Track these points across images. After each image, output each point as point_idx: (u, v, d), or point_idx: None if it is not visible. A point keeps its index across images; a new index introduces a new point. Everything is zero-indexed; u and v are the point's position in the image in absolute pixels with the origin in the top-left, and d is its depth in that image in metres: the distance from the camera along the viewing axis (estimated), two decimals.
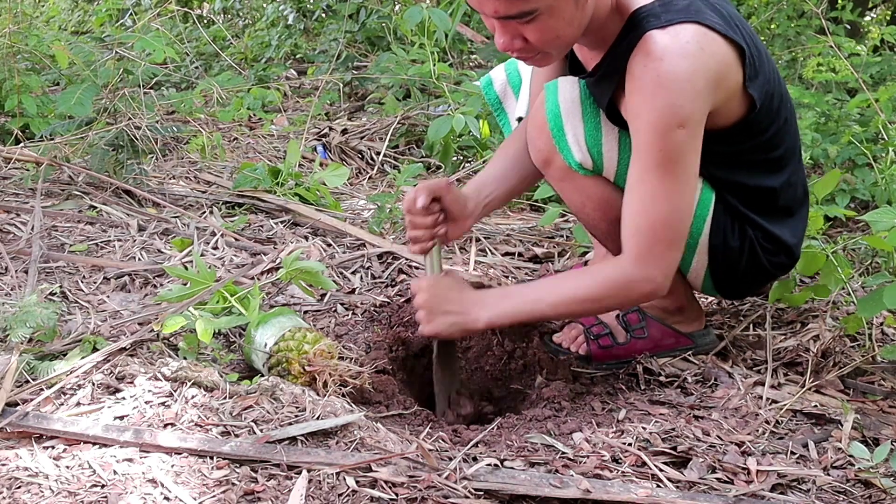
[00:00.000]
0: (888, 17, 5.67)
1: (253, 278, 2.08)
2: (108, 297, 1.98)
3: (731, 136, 1.60)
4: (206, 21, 5.58)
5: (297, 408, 1.42)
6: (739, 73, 1.53)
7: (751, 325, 1.98)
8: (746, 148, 1.64)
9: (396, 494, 1.25)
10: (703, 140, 1.61)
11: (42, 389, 1.47)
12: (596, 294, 1.61)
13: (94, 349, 1.62)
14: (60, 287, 1.98)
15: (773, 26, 4.59)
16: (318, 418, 1.40)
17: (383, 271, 2.28)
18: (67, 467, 1.28)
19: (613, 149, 1.65)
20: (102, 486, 1.23)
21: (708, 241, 1.70)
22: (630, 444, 1.44)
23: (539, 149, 1.70)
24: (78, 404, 1.44)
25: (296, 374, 1.56)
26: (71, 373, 1.51)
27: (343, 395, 1.54)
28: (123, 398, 1.45)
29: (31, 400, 1.44)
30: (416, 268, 2.29)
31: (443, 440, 1.49)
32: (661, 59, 1.45)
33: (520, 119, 1.99)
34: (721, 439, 1.49)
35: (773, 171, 1.68)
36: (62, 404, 1.44)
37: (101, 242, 2.32)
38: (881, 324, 1.92)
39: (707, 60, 1.47)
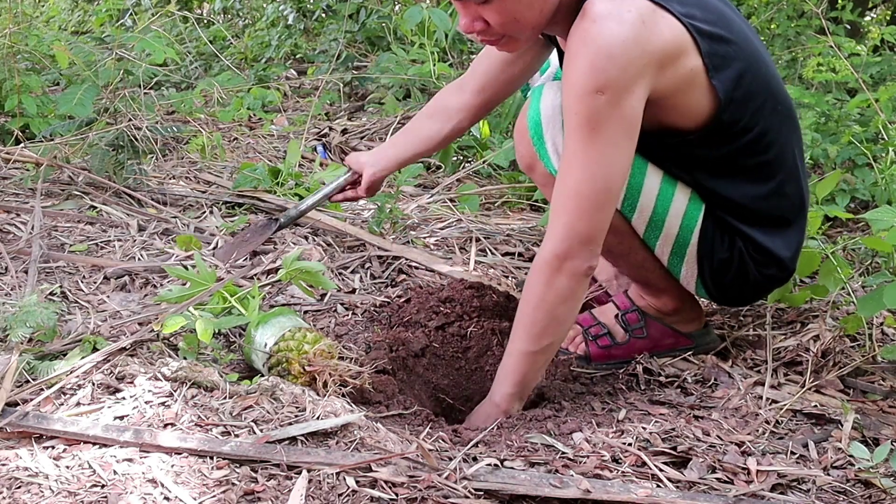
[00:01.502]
0: (888, 17, 5.67)
1: (253, 278, 2.08)
2: (108, 297, 1.98)
3: (709, 137, 1.58)
4: (205, 22, 5.58)
5: (297, 408, 1.42)
6: (698, 61, 1.50)
7: (751, 325, 1.98)
8: (730, 151, 1.61)
9: (396, 494, 1.25)
10: (685, 145, 1.59)
11: (42, 389, 1.47)
12: (533, 312, 1.56)
13: (94, 349, 1.62)
14: (60, 287, 1.98)
15: (773, 26, 4.59)
16: (318, 418, 1.39)
17: (383, 271, 2.28)
18: (67, 467, 1.28)
19: None
20: (102, 486, 1.23)
21: (696, 252, 1.70)
22: (630, 444, 1.44)
23: (522, 154, 1.71)
24: (78, 404, 1.43)
25: (296, 374, 1.56)
26: (71, 373, 1.51)
27: (343, 395, 1.54)
28: (123, 398, 1.45)
29: (31, 400, 1.43)
30: (416, 267, 2.30)
31: (443, 440, 1.49)
32: (594, 21, 1.42)
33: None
34: (721, 439, 1.49)
35: (760, 178, 1.65)
36: (62, 404, 1.44)
37: (101, 242, 2.32)
38: (881, 324, 1.93)
39: (647, 34, 1.43)
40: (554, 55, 1.98)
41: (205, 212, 2.65)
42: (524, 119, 1.68)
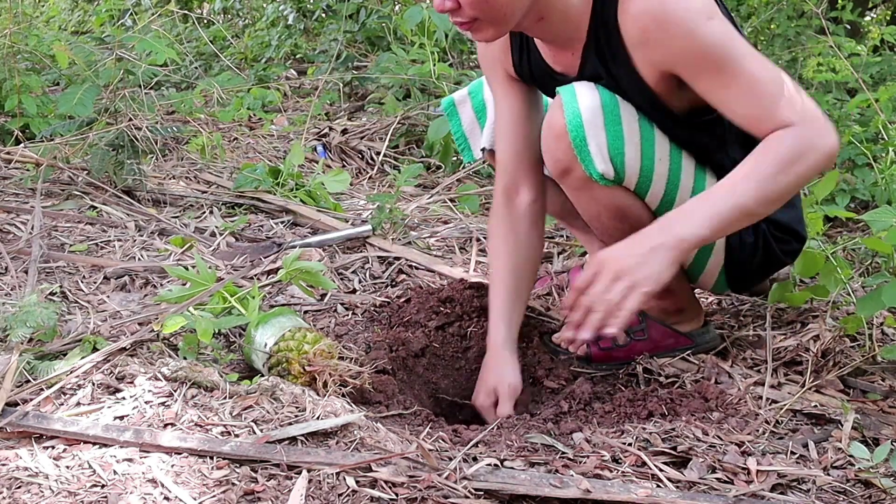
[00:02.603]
0: (888, 17, 5.67)
1: (253, 278, 2.08)
2: (108, 297, 1.98)
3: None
4: (205, 22, 5.58)
5: (297, 408, 1.42)
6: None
7: (751, 326, 1.98)
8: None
9: (396, 494, 1.25)
10: (703, 123, 1.60)
11: (42, 389, 1.47)
12: (777, 165, 1.41)
13: (94, 349, 1.62)
14: (60, 287, 1.98)
15: (773, 26, 4.59)
16: (318, 418, 1.40)
17: (383, 271, 2.28)
18: (67, 467, 1.28)
19: (635, 157, 1.60)
20: (102, 486, 1.23)
21: (725, 241, 1.71)
22: (630, 444, 1.44)
23: (558, 159, 1.62)
24: (78, 404, 1.44)
25: (296, 374, 1.56)
26: (71, 373, 1.51)
27: (343, 395, 1.54)
28: (123, 398, 1.45)
29: (31, 400, 1.44)
30: (416, 267, 2.29)
31: (443, 440, 1.49)
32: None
33: (483, 150, 1.98)
34: (721, 439, 1.49)
35: None
36: (62, 404, 1.44)
37: (101, 242, 2.32)
38: (881, 324, 1.92)
39: None
40: (488, 91, 1.95)
41: (205, 212, 2.65)
42: (560, 122, 1.58)
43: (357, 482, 1.26)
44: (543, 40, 1.66)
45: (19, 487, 1.22)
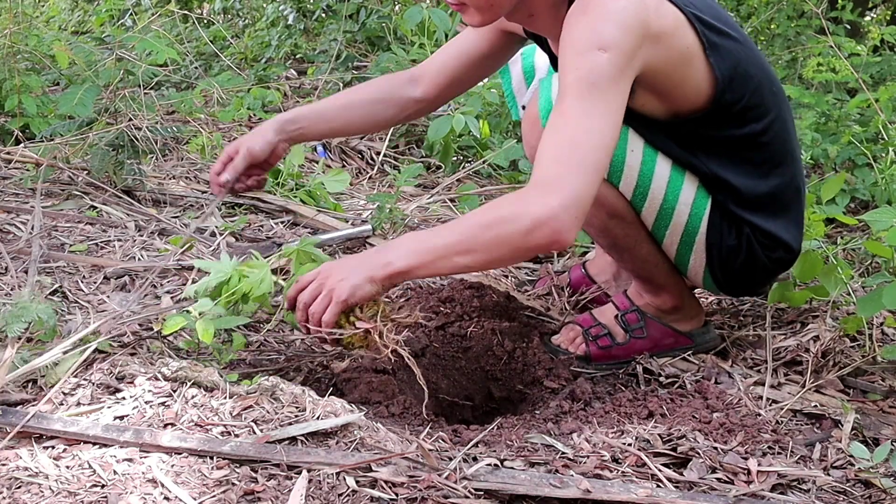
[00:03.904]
0: (888, 17, 5.68)
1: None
2: (108, 296, 1.98)
3: (714, 117, 1.60)
4: (205, 22, 5.58)
5: (297, 408, 1.42)
6: (693, 38, 1.54)
7: (751, 326, 1.98)
8: (736, 133, 1.63)
9: (396, 494, 1.25)
10: (692, 126, 1.62)
11: (42, 389, 1.47)
12: (488, 219, 1.44)
13: (95, 349, 1.62)
14: (60, 287, 1.98)
15: (773, 26, 4.59)
16: (318, 418, 1.40)
17: None
18: (67, 467, 1.28)
19: None
20: (102, 486, 1.23)
21: (705, 240, 1.71)
22: (630, 445, 1.44)
23: (532, 145, 1.68)
24: (78, 404, 1.43)
25: (349, 335, 1.53)
26: (71, 373, 1.51)
27: (399, 344, 1.51)
28: (123, 398, 1.45)
29: (32, 400, 1.43)
30: None
31: (443, 440, 1.49)
32: None
33: (523, 107, 2.03)
34: (721, 439, 1.48)
35: (764, 162, 1.68)
36: (62, 404, 1.44)
37: (101, 242, 2.32)
38: (881, 324, 1.92)
39: (643, 7, 1.47)
40: (539, 57, 2.00)
41: (205, 212, 2.65)
42: (535, 110, 1.67)
43: (357, 482, 1.26)
44: (540, 34, 1.72)
45: (19, 487, 1.22)
